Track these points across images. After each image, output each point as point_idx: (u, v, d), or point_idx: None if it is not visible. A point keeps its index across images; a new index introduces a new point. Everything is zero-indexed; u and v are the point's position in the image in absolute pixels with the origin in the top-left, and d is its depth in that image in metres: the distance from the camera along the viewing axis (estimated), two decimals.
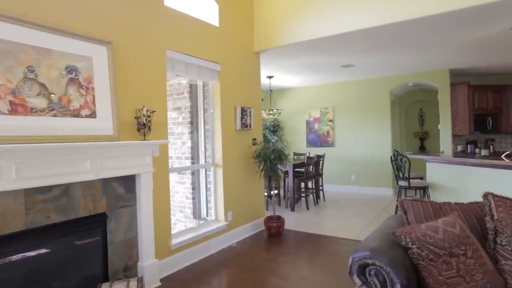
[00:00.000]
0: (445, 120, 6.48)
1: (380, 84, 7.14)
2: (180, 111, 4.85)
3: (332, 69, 6.20)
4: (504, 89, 6.83)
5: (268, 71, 6.31)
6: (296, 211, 5.83)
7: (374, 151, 7.21)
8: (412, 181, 4.24)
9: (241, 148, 4.37)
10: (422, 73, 6.67)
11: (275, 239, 4.25)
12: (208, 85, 4.17)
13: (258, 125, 4.76)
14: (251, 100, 4.61)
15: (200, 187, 4.67)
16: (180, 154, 4.84)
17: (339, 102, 7.68)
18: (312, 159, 6.07)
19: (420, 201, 2.25)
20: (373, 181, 7.24)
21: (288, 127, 8.44)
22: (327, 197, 6.90)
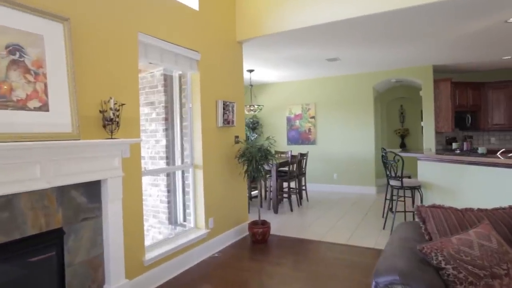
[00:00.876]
0: (428, 117, 6.38)
1: (363, 80, 6.95)
2: (154, 106, 4.38)
3: (317, 63, 5.91)
4: (483, 86, 6.85)
5: (249, 64, 5.91)
6: (280, 213, 5.50)
7: (357, 149, 7.03)
8: (404, 181, 4.01)
9: (223, 147, 3.96)
10: (405, 69, 6.53)
11: (261, 246, 3.88)
12: (187, 76, 3.72)
13: (241, 122, 4.36)
14: (234, 94, 4.20)
15: (176, 190, 4.22)
16: (154, 153, 4.37)
17: (321, 98, 7.43)
18: (295, 157, 5.75)
19: (439, 207, 1.95)
20: (356, 179, 7.05)
21: (268, 124, 8.10)
22: (310, 197, 6.62)
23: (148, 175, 3.47)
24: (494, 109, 6.83)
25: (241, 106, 4.37)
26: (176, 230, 4.12)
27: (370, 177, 6.91)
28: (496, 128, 6.88)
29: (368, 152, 6.90)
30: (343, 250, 3.68)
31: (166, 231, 4.30)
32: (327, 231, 4.39)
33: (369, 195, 6.69)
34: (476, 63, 6.27)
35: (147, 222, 4.51)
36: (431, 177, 4.03)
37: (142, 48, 2.88)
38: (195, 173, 3.67)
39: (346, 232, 4.30)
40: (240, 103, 4.34)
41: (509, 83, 6.69)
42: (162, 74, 4.22)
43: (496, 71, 7.05)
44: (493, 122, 6.86)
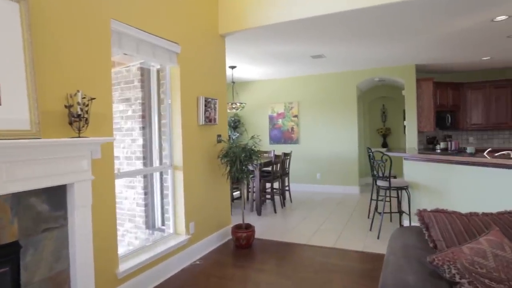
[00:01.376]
0: (411, 116, 6.38)
1: (347, 78, 6.87)
2: (130, 103, 4.08)
3: (301, 60, 5.75)
4: (462, 86, 6.94)
5: (231, 60, 5.68)
6: (263, 215, 5.30)
7: (341, 148, 6.94)
8: (392, 181, 3.91)
9: (205, 147, 3.71)
10: (389, 68, 6.50)
11: (245, 252, 3.67)
12: (165, 70, 3.44)
13: (224, 120, 4.12)
14: (216, 90, 3.96)
15: (154, 192, 3.95)
16: (130, 153, 4.07)
17: (305, 97, 7.30)
18: (279, 157, 5.57)
19: (443, 212, 1.81)
20: (340, 179, 6.97)
21: (250, 122, 7.89)
22: (294, 198, 6.47)
23: (123, 178, 3.18)
24: (472, 109, 6.93)
25: (224, 103, 4.14)
26: (154, 235, 3.85)
27: (354, 176, 6.84)
28: (474, 128, 6.99)
29: (352, 151, 6.83)
30: (331, 254, 3.53)
31: (143, 236, 4.02)
32: (313, 233, 4.24)
33: (353, 195, 6.62)
34: (456, 64, 6.32)
35: (122, 227, 4.21)
36: (419, 177, 3.95)
37: (116, 37, 2.60)
38: (175, 175, 3.41)
39: (333, 235, 4.16)
40: (223, 100, 4.10)
41: (486, 84, 6.81)
42: (139, 68, 3.93)
43: (475, 72, 7.17)
44: (472, 122, 6.97)
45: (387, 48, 5.09)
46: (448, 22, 3.92)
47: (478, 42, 4.80)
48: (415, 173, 4.00)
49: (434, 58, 5.81)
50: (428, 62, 6.12)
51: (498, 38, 4.59)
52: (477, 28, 4.11)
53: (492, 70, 7.05)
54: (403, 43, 4.82)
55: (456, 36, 4.48)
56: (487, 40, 4.66)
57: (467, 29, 4.17)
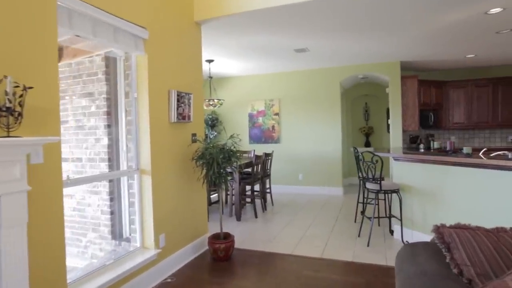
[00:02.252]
0: (396, 114, 6.18)
1: (331, 75, 6.58)
2: (93, 98, 3.59)
3: (283, 54, 5.39)
4: (444, 85, 6.83)
5: (208, 53, 5.24)
6: (243, 220, 4.91)
7: (324, 148, 6.66)
8: (383, 183, 3.62)
9: (177, 147, 3.27)
10: (374, 64, 6.27)
11: (223, 265, 3.27)
12: (131, 59, 2.98)
13: (199, 117, 3.70)
14: (191, 83, 3.53)
15: (121, 198, 3.48)
16: (93, 154, 3.59)
17: (286, 94, 6.96)
18: (260, 158, 5.20)
19: (466, 228, 1.49)
20: (323, 180, 6.68)
21: (228, 120, 7.47)
22: (275, 200, 6.12)
23: (75, 186, 2.69)
24: (454, 108, 6.84)
25: (200, 98, 3.71)
26: (121, 246, 3.39)
27: (337, 177, 6.58)
28: (456, 127, 6.90)
29: (335, 151, 6.56)
30: (319, 266, 3.19)
31: (109, 248, 3.54)
32: (297, 241, 3.89)
33: (337, 197, 6.36)
34: (441, 61, 6.17)
35: (85, 238, 3.71)
36: (410, 179, 3.69)
37: (65, 14, 2.12)
38: (142, 180, 2.95)
39: (319, 242, 3.83)
40: (199, 95, 3.67)
41: (468, 82, 6.73)
42: (104, 58, 3.45)
43: (458, 70, 7.08)
44: (454, 120, 6.88)
45: (373, 43, 4.83)
46: (439, 15, 3.67)
47: (466, 38, 4.61)
48: (407, 174, 3.73)
49: (420, 54, 5.62)
50: (414, 59, 5.94)
51: (486, 33, 4.41)
52: (468, 21, 3.90)
53: (474, 68, 6.99)
54: (390, 37, 4.56)
55: (444, 31, 4.26)
56: (475, 35, 4.48)
57: (458, 23, 3.95)
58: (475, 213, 3.02)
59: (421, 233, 3.56)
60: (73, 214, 3.80)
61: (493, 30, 4.30)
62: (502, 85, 6.52)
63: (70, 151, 3.71)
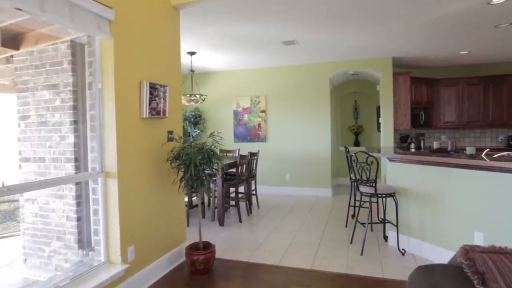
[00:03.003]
0: (387, 112, 5.93)
1: (320, 71, 6.28)
2: (58, 91, 3.19)
3: (271, 47, 5.04)
4: (436, 82, 6.64)
5: (189, 45, 4.84)
6: (227, 225, 4.55)
7: (312, 147, 6.35)
8: (378, 187, 3.33)
9: (150, 146, 2.88)
10: (365, 60, 5.99)
11: (203, 279, 2.90)
12: (94, 44, 2.57)
13: (177, 112, 3.31)
14: (167, 74, 3.14)
15: (89, 202, 3.08)
16: (58, 154, 3.19)
17: (273, 90, 6.62)
18: (245, 158, 4.84)
19: (503, 253, 1.17)
20: (311, 181, 6.38)
21: (212, 118, 7.08)
22: (261, 203, 5.78)
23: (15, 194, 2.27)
24: (445, 106, 6.66)
25: (177, 91, 3.32)
26: (89, 257, 3.00)
27: (326, 178, 6.29)
28: (447, 126, 6.72)
29: (324, 150, 6.27)
30: (309, 279, 2.86)
31: (75, 258, 3.14)
32: (285, 249, 3.56)
33: (326, 198, 6.06)
34: (433, 58, 5.95)
35: (49, 247, 3.30)
36: (407, 182, 3.40)
37: None
38: (107, 184, 2.55)
39: (309, 251, 3.51)
40: (176, 87, 3.28)
41: (459, 81, 6.55)
42: (70, 45, 3.04)
43: (449, 68, 6.90)
44: (445, 120, 6.69)
45: (364, 36, 4.54)
46: (438, 3, 3.39)
47: (462, 31, 4.37)
48: (403, 177, 3.45)
49: (412, 50, 5.37)
50: (406, 55, 5.69)
51: (484, 27, 4.18)
52: (468, 12, 3.64)
53: (467, 66, 6.82)
54: (383, 31, 4.27)
55: (441, 22, 4.00)
56: (472, 28, 4.24)
57: (456, 13, 3.69)
58: (480, 220, 2.75)
59: (419, 240, 3.29)
60: (35, 221, 3.38)
61: (492, 24, 4.07)
62: (493, 83, 6.37)
63: (32, 150, 3.29)
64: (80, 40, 2.90)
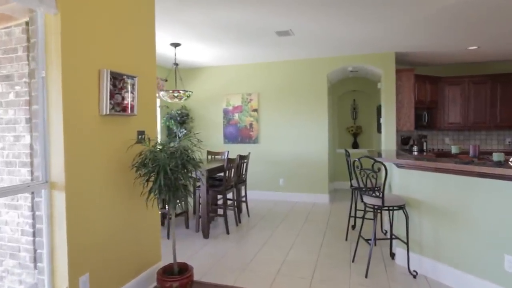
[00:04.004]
0: (389, 112, 5.46)
1: (317, 67, 5.79)
2: (11, 83, 2.67)
3: (263, 38, 4.53)
4: (440, 81, 6.20)
5: (173, 35, 4.32)
6: (212, 237, 4.04)
7: (308, 149, 5.87)
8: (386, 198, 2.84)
9: (113, 150, 2.36)
10: (365, 55, 5.52)
11: None
12: (36, 22, 2.05)
13: (150, 109, 2.79)
14: (137, 63, 2.62)
15: None
16: (12, 157, 2.68)
17: (266, 88, 6.12)
18: (233, 161, 4.33)
19: None
20: (307, 186, 5.89)
21: (200, 117, 6.55)
22: (252, 210, 5.28)
23: None
24: (450, 106, 6.22)
25: (150, 84, 2.80)
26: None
27: (323, 182, 5.80)
28: (451, 127, 6.28)
29: (321, 153, 5.79)
30: None
31: (31, 280, 2.63)
32: (276, 270, 3.06)
33: (322, 205, 5.58)
34: (439, 54, 5.50)
35: (1, 266, 2.77)
36: (420, 193, 2.93)
37: None
38: (52, 198, 2.03)
39: (304, 271, 3.01)
40: (149, 79, 2.76)
41: (465, 79, 6.12)
42: (25, 29, 2.52)
43: (454, 65, 6.47)
44: (449, 120, 6.25)
45: (366, 28, 4.06)
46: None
47: (473, 24, 3.92)
48: (415, 186, 2.97)
49: (417, 44, 4.91)
50: (410, 49, 5.23)
51: (498, 18, 3.73)
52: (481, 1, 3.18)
53: (473, 64, 6.39)
54: (385, 20, 3.80)
55: (449, 14, 3.54)
56: (484, 21, 3.79)
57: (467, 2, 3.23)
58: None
59: (433, 260, 2.81)
60: None
61: (507, 15, 3.62)
62: (502, 82, 5.94)
63: None
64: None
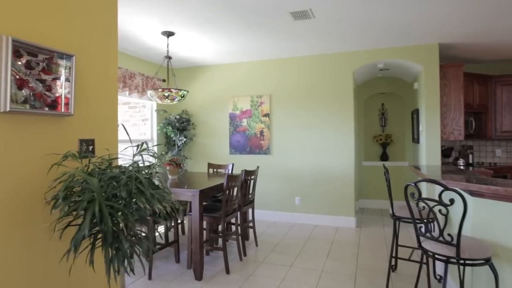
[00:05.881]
0: (432, 118, 4.41)
1: (340, 63, 4.83)
2: None
3: (275, 21, 3.61)
4: (491, 80, 5.10)
5: (164, 22, 3.46)
6: (207, 278, 3.08)
7: (329, 162, 4.87)
8: (464, 246, 1.82)
9: (19, 172, 1.45)
10: (399, 48, 4.53)
11: None
12: None
13: (103, 107, 1.88)
14: (78, 32, 1.72)
15: None
16: None
17: (280, 89, 5.18)
18: (235, 178, 3.37)
19: None
20: (328, 206, 4.88)
21: (203, 123, 5.66)
22: (261, 236, 4.30)
23: None
24: (504, 111, 5.10)
25: (109, 70, 1.90)
26: None
27: (348, 202, 4.78)
28: (504, 137, 5.15)
29: (346, 166, 4.77)
30: None
31: None
32: None
33: (348, 231, 4.54)
34: (493, 45, 4.43)
35: None
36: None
37: None
38: None
39: None
40: (102, 61, 1.87)
41: None
42: None
43: (508, 62, 5.37)
44: (502, 129, 5.13)
45: (409, 6, 3.08)
46: None
47: None
48: (507, 227, 1.94)
49: (469, 33, 3.88)
50: (458, 40, 4.20)
51: None
52: None
53: None
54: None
55: None
56: None
57: None
58: None
59: None
60: None
61: None
62: None
63: None
64: None
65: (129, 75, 4.66)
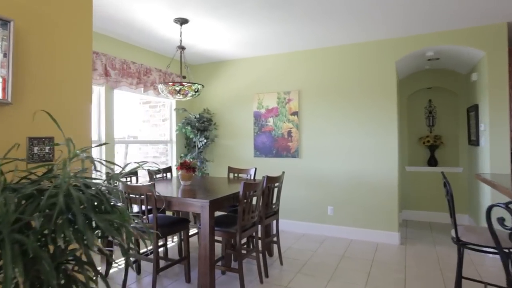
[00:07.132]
0: (497, 116, 3.62)
1: (380, 52, 4.15)
2: None
3: (302, 2, 3.04)
4: None
5: (173, 5, 3.02)
6: None
7: (368, 167, 4.19)
8: None
9: None
10: (455, 32, 3.78)
11: None
12: None
13: (79, 96, 1.43)
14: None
15: None
16: None
17: (310, 84, 4.59)
18: (255, 187, 2.84)
19: None
20: (366, 218, 4.20)
21: (226, 123, 5.20)
22: (287, 251, 3.72)
23: None
24: None
25: (83, 45, 1.45)
26: None
27: (391, 214, 4.07)
28: None
29: (388, 172, 4.08)
30: None
31: None
32: None
33: (391, 249, 3.84)
34: None
35: None
36: None
37: None
38: None
39: None
40: (71, 34, 1.42)
41: None
42: None
43: None
44: None
45: None
46: None
47: None
48: None
49: None
50: None
51: None
52: None
53: None
54: None
55: None
56: None
57: None
58: None
59: None
60: None
61: None
62: None
63: None
64: None
65: (145, 71, 4.29)
